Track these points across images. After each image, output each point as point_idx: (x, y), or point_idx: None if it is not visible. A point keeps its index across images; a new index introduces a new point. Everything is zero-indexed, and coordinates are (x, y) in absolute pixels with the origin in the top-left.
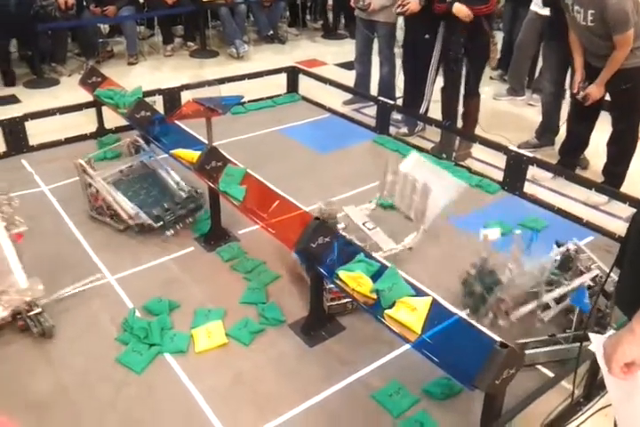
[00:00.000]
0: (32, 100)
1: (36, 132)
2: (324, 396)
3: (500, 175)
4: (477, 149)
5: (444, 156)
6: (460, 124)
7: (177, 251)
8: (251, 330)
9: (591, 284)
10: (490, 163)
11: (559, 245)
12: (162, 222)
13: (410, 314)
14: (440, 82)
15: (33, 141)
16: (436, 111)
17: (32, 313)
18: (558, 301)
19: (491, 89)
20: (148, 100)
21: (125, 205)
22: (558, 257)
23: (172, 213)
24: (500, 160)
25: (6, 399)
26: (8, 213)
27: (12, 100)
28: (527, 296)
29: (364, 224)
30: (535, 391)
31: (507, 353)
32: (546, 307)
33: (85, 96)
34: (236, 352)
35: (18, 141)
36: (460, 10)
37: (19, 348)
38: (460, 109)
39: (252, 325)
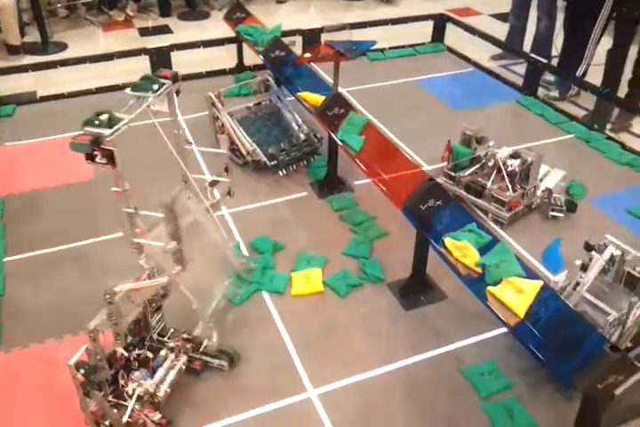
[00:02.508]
0: (183, 31)
1: (182, 63)
2: (410, 362)
3: None
4: (638, 123)
5: (596, 126)
6: (624, 92)
7: (291, 194)
8: (348, 283)
9: None
10: None
11: (591, 249)
12: (275, 162)
13: (515, 296)
14: (605, 43)
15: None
16: (594, 75)
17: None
18: None
19: None
20: (287, 40)
21: (245, 141)
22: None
23: (287, 153)
24: None
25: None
26: None
27: (166, 30)
28: None
29: None
30: None
31: (617, 359)
32: None
33: (230, 31)
34: (329, 302)
35: None
36: None
37: None
38: (628, 76)
39: (351, 278)
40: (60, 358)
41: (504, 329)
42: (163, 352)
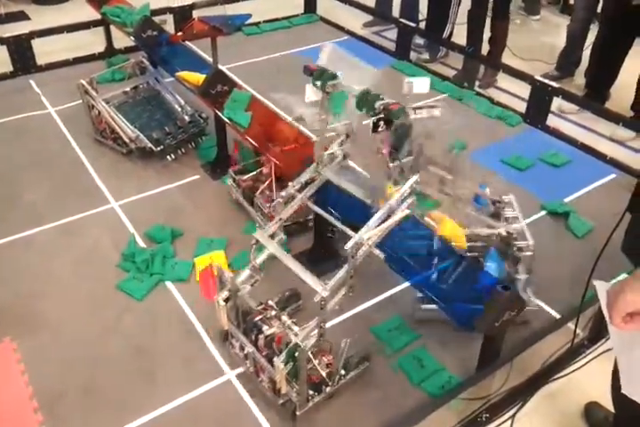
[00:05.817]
0: (42, 16)
1: (45, 51)
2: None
3: (524, 107)
4: (503, 79)
5: (466, 84)
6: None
7: (182, 178)
8: None
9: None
10: (514, 93)
11: None
12: (162, 146)
13: None
14: (467, 4)
15: (41, 61)
16: (461, 36)
17: None
18: None
19: None
20: (157, 19)
21: (126, 128)
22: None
23: (173, 137)
24: (527, 90)
25: (13, 322)
26: None
27: (21, 16)
28: None
29: None
30: (538, 332)
31: (508, 295)
32: None
33: (96, 14)
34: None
35: (25, 61)
36: None
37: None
38: (488, 34)
39: None
40: None
41: (406, 284)
42: None
